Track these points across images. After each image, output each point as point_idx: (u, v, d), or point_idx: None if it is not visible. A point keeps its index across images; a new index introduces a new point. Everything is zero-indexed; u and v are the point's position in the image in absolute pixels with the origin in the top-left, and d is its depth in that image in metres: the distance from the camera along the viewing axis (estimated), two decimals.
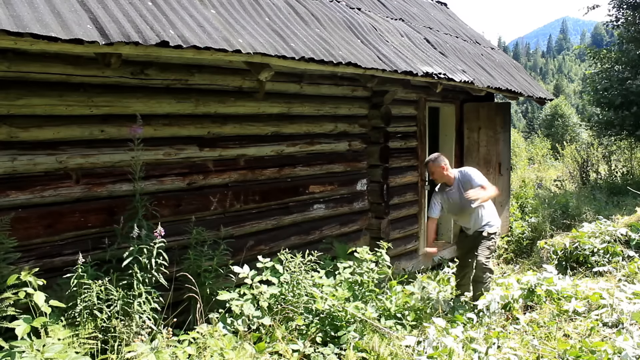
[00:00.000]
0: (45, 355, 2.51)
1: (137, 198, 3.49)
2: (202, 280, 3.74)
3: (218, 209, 4.34)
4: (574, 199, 9.51)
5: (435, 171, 4.90)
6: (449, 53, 6.72)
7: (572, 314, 4.29)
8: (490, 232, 4.88)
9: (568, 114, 36.64)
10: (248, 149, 4.58)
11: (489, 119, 7.82)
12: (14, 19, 2.55)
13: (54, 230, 3.35)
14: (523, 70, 9.18)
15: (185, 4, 3.65)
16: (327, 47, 4.36)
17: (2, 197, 3.13)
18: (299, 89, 5.03)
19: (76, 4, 2.98)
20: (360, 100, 5.79)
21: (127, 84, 3.70)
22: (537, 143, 26.35)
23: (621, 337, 3.53)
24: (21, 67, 3.16)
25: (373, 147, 5.92)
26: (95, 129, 3.54)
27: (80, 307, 3.03)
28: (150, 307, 3.23)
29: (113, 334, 3.05)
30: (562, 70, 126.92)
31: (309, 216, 5.22)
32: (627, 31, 13.47)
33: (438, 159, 4.91)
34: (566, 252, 6.12)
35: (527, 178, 14.08)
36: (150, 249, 3.30)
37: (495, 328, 3.90)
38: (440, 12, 9.30)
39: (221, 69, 4.28)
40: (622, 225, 6.39)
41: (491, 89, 6.73)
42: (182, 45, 3.13)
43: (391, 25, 6.25)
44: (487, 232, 4.88)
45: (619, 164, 13.84)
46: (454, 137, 7.58)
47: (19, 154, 3.19)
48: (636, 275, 5.25)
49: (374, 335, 3.69)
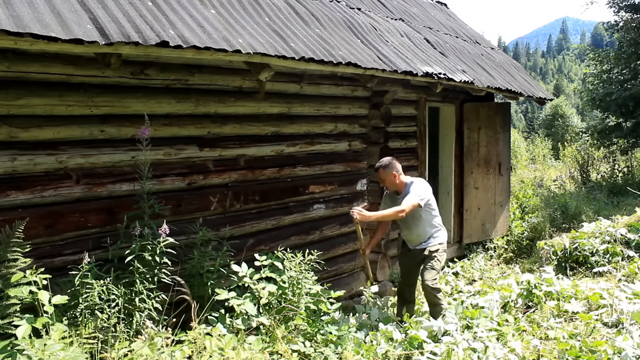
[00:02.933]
0: (45, 355, 2.52)
1: (145, 198, 3.51)
2: (204, 280, 3.75)
3: (218, 209, 4.34)
4: (574, 199, 9.51)
5: (385, 178, 4.45)
6: (449, 53, 6.72)
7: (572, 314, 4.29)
8: (432, 250, 4.46)
9: (568, 114, 36.64)
10: (248, 149, 4.58)
11: (489, 119, 7.83)
12: (14, 19, 2.55)
13: (54, 230, 3.35)
14: (523, 70, 9.18)
15: (185, 4, 3.65)
16: (327, 47, 4.36)
17: (2, 197, 3.13)
18: (299, 89, 5.03)
19: (76, 4, 2.98)
20: (360, 100, 5.79)
21: (127, 84, 3.70)
22: (538, 143, 26.33)
23: (621, 337, 3.53)
24: (21, 67, 3.16)
25: (373, 147, 5.91)
26: (95, 129, 3.54)
27: (81, 306, 3.03)
28: (152, 305, 3.23)
29: (114, 334, 3.05)
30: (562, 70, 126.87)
31: (309, 216, 5.22)
32: (627, 34, 13.46)
33: (390, 164, 4.42)
34: (566, 253, 6.13)
35: (527, 178, 14.08)
36: (154, 247, 3.32)
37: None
38: (440, 12, 9.30)
39: (221, 69, 4.28)
40: (622, 226, 6.39)
41: (491, 89, 6.73)
42: (182, 45, 3.13)
43: (391, 25, 6.25)
44: (429, 251, 4.46)
45: (620, 164, 13.83)
46: (454, 137, 7.58)
47: (19, 154, 3.19)
48: (636, 275, 5.25)
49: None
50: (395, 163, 4.46)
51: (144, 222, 3.44)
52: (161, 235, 3.33)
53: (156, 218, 3.57)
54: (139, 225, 3.36)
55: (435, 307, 4.38)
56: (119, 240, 3.45)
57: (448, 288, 5.99)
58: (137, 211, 3.52)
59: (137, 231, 3.28)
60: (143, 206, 3.50)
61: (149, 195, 3.55)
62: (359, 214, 4.14)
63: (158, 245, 3.33)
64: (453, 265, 7.08)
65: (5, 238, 2.85)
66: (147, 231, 3.35)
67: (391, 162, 4.44)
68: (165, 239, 3.35)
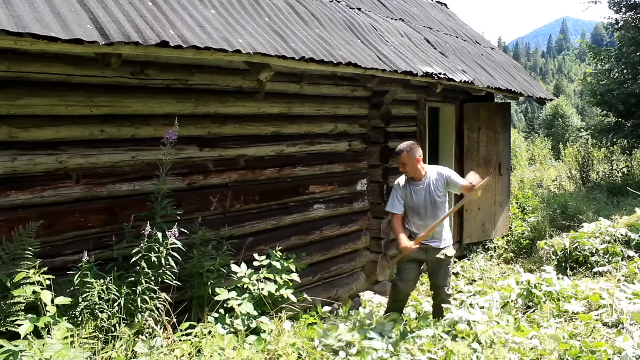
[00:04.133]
0: (45, 355, 2.52)
1: (159, 198, 3.53)
2: (204, 280, 3.75)
3: (218, 209, 4.34)
4: (574, 199, 9.51)
5: (408, 163, 4.14)
6: (449, 53, 6.72)
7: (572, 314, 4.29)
8: (449, 255, 4.24)
9: (568, 114, 36.65)
10: (248, 149, 4.58)
11: (489, 119, 7.83)
12: (14, 19, 2.55)
13: (54, 231, 3.35)
14: (523, 70, 9.18)
15: (185, 4, 3.65)
16: (327, 47, 4.36)
17: (2, 197, 3.13)
18: (299, 89, 5.03)
19: (76, 4, 2.98)
20: (360, 100, 5.79)
21: (127, 84, 3.70)
22: (538, 143, 26.35)
23: (621, 337, 3.53)
24: (21, 67, 3.16)
25: (373, 147, 5.91)
26: (95, 129, 3.54)
27: (81, 306, 3.03)
28: (153, 305, 3.24)
29: (114, 334, 3.05)
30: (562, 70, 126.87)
31: (309, 216, 5.22)
32: (627, 33, 13.46)
33: (414, 149, 4.14)
34: (566, 252, 6.13)
35: (526, 178, 14.08)
36: (161, 247, 3.32)
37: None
38: (440, 12, 9.30)
39: (221, 69, 4.28)
40: (622, 226, 6.39)
41: (491, 89, 6.73)
42: (182, 45, 3.13)
43: (391, 25, 6.25)
44: (446, 255, 4.22)
45: (620, 164, 13.83)
46: (454, 137, 7.58)
47: (19, 154, 3.19)
48: (636, 275, 5.25)
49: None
50: (418, 147, 4.19)
51: (155, 223, 3.43)
52: (170, 236, 3.34)
53: (162, 217, 3.57)
54: (150, 225, 3.36)
55: (442, 310, 4.19)
56: (124, 240, 3.45)
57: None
58: (148, 212, 3.54)
59: (146, 231, 3.28)
60: (155, 207, 3.51)
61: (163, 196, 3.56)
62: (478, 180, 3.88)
63: (165, 246, 3.33)
64: (453, 265, 7.08)
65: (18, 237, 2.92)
66: (155, 232, 3.35)
67: (415, 146, 4.17)
68: (173, 241, 3.36)
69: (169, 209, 3.57)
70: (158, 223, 3.44)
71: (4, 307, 2.74)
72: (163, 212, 3.53)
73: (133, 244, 3.37)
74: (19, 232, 2.96)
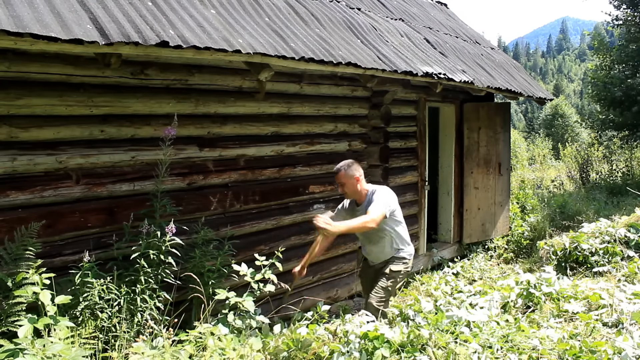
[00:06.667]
0: (46, 354, 2.52)
1: (158, 197, 3.53)
2: (205, 280, 3.75)
3: (218, 209, 4.34)
4: (574, 199, 9.51)
5: (346, 183, 3.78)
6: (449, 53, 6.72)
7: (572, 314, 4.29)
8: (394, 270, 3.89)
9: (568, 114, 36.67)
10: (248, 149, 4.58)
11: (489, 119, 7.83)
12: (14, 19, 2.55)
13: (53, 231, 3.35)
14: (523, 70, 9.19)
15: (185, 4, 3.65)
16: (327, 47, 4.36)
17: (2, 197, 3.13)
18: (299, 89, 5.03)
19: (76, 4, 2.98)
20: (360, 100, 5.79)
21: (127, 84, 3.70)
22: (538, 143, 26.37)
23: (621, 337, 3.53)
24: (21, 67, 3.16)
25: (373, 147, 5.91)
26: (95, 129, 3.55)
27: (81, 305, 3.03)
28: (153, 304, 3.24)
29: (114, 334, 3.05)
30: (562, 70, 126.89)
31: (309, 216, 5.20)
32: (628, 31, 13.47)
33: (352, 167, 3.77)
34: (566, 252, 6.12)
35: (527, 178, 14.08)
36: (160, 245, 3.33)
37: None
38: (440, 12, 9.31)
39: (221, 69, 4.28)
40: (622, 226, 6.39)
41: (491, 89, 6.73)
42: (182, 45, 3.13)
43: (391, 25, 6.25)
44: (390, 270, 3.88)
45: (620, 164, 13.83)
46: (454, 137, 7.58)
47: (19, 154, 3.19)
48: (636, 275, 5.25)
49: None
50: (357, 166, 3.82)
51: (154, 221, 3.44)
52: (167, 234, 3.35)
53: (161, 217, 3.57)
54: (148, 223, 3.37)
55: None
56: (124, 238, 3.46)
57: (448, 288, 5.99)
58: (147, 209, 3.55)
59: (145, 229, 3.29)
60: (155, 205, 3.52)
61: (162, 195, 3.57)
62: (325, 224, 3.38)
63: (164, 244, 3.34)
64: (453, 265, 7.09)
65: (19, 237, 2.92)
66: (154, 229, 3.36)
67: (353, 164, 3.81)
68: (172, 238, 3.37)
69: (168, 208, 3.57)
70: (157, 221, 3.44)
71: (5, 307, 2.74)
72: (162, 211, 3.53)
73: (133, 243, 3.37)
74: (20, 232, 2.96)
